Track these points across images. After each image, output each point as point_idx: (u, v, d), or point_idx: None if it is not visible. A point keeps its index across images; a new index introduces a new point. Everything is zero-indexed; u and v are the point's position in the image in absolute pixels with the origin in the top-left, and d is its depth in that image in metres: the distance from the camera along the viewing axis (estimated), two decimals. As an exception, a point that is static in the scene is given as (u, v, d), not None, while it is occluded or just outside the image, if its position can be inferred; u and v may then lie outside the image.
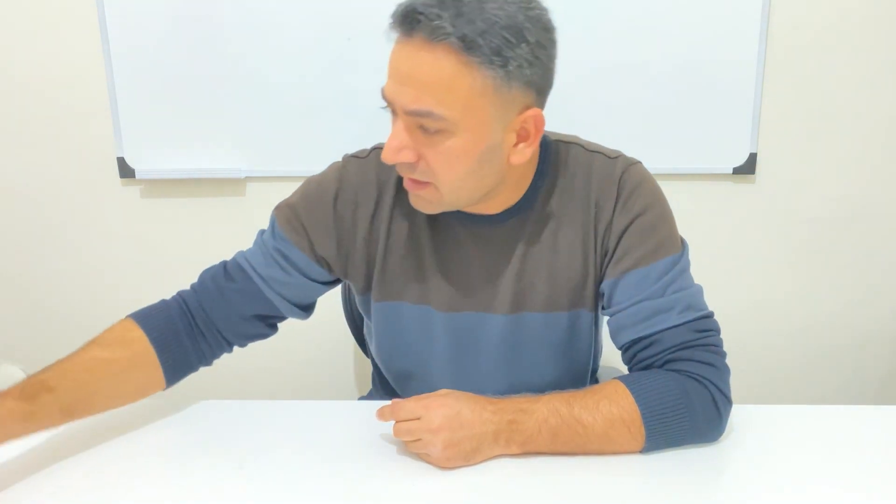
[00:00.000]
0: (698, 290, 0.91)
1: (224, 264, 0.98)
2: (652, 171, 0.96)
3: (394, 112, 0.82)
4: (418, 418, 0.81)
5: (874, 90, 1.71)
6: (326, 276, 0.97)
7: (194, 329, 0.95)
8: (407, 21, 0.76)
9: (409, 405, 0.83)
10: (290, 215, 0.95)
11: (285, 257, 0.95)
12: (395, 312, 0.96)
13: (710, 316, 0.90)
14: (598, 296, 0.94)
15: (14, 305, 1.87)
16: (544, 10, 0.80)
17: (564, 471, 0.81)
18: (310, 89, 1.68)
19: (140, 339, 0.91)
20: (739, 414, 0.91)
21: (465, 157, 0.80)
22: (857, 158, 1.76)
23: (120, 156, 1.75)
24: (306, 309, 1.01)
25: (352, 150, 0.99)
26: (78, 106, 1.74)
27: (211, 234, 1.81)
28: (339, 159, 0.98)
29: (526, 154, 0.84)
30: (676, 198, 1.79)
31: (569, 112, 1.71)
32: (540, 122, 0.83)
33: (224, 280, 0.96)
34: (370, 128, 1.01)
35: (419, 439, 0.81)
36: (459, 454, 0.80)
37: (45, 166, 1.79)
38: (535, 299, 0.93)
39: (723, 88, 1.69)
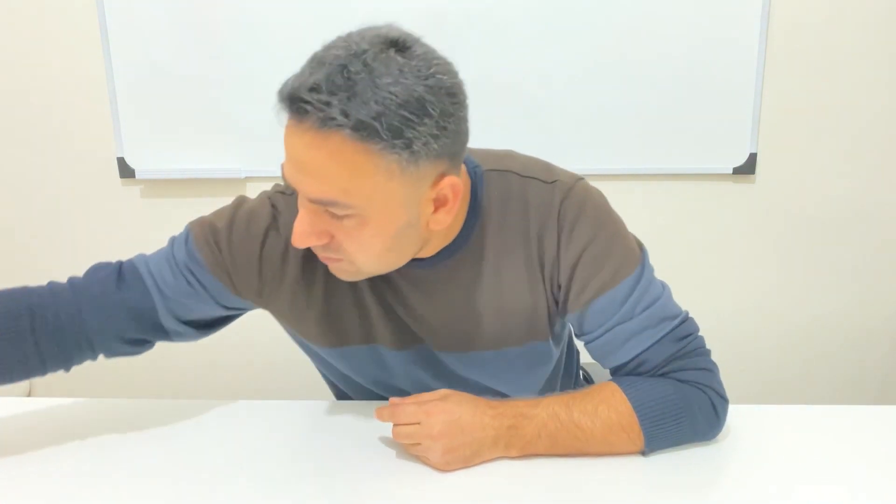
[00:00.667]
0: (667, 297, 0.87)
1: (119, 267, 0.87)
2: (652, 171, 0.93)
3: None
4: (418, 423, 0.81)
5: (874, 90, 1.72)
6: (239, 304, 0.90)
7: (56, 330, 0.83)
8: (293, 109, 0.69)
9: (409, 409, 0.82)
10: (209, 238, 0.86)
11: (196, 277, 0.86)
12: (346, 356, 0.92)
13: (685, 319, 0.87)
14: (553, 325, 0.91)
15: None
16: (446, 69, 0.72)
17: (564, 471, 0.81)
18: (310, 89, 1.68)
19: None
20: (739, 414, 0.91)
21: (378, 238, 0.75)
22: (858, 159, 1.76)
23: (120, 156, 1.75)
24: (205, 327, 0.92)
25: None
26: (78, 106, 1.74)
27: (211, 234, 1.81)
28: (269, 189, 0.91)
29: (446, 221, 0.78)
30: (676, 198, 1.81)
31: (568, 112, 1.72)
32: (457, 188, 0.76)
33: (115, 287, 0.85)
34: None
35: (418, 444, 0.81)
36: (458, 459, 0.80)
37: (45, 166, 1.79)
38: (482, 338, 0.88)
39: (723, 88, 1.69)
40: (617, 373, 0.88)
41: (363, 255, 0.77)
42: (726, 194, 1.79)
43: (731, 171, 1.75)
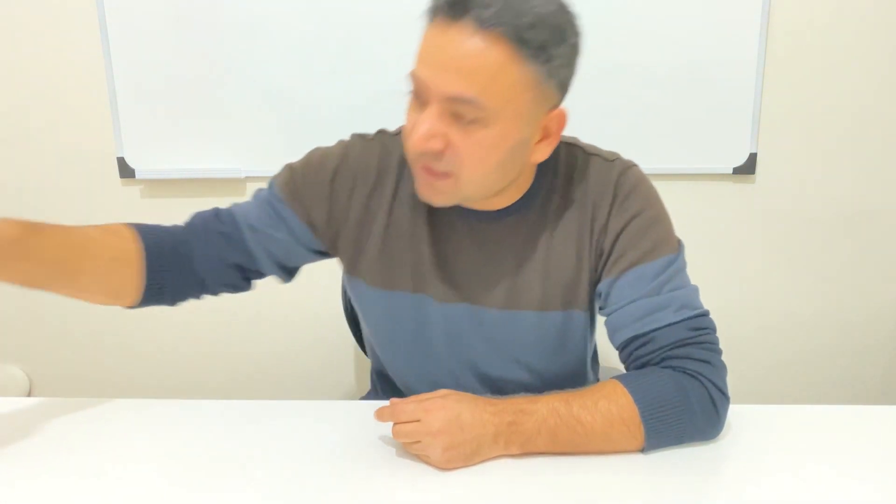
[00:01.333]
0: (694, 290, 0.91)
1: (217, 209, 0.99)
2: (652, 171, 0.96)
3: (420, 98, 0.80)
4: (418, 420, 0.81)
5: (874, 90, 1.72)
6: (314, 243, 0.98)
7: (173, 262, 0.94)
8: (457, 6, 0.75)
9: (409, 407, 0.82)
10: (288, 178, 0.96)
11: (277, 213, 0.96)
12: (393, 301, 0.96)
13: (705, 314, 0.90)
14: (592, 297, 0.95)
15: (14, 306, 1.87)
16: (576, 14, 0.80)
17: (564, 471, 0.81)
18: (310, 90, 1.68)
19: (137, 250, 0.91)
20: (739, 414, 0.91)
21: (496, 149, 0.80)
22: (857, 158, 1.76)
23: (120, 156, 1.75)
24: (289, 272, 1.01)
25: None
26: (78, 106, 1.74)
27: (211, 234, 1.81)
28: (348, 136, 0.99)
29: (546, 152, 0.85)
30: (676, 198, 1.81)
31: (569, 112, 1.71)
32: (563, 121, 0.85)
33: (213, 221, 0.97)
34: (369, 127, 1.01)
35: (418, 441, 0.81)
36: (459, 456, 0.81)
37: (45, 166, 1.79)
38: (529, 297, 0.93)
39: (723, 88, 1.69)
40: (625, 348, 0.91)
41: (476, 166, 0.81)
42: (726, 194, 1.79)
43: (731, 171, 1.75)
